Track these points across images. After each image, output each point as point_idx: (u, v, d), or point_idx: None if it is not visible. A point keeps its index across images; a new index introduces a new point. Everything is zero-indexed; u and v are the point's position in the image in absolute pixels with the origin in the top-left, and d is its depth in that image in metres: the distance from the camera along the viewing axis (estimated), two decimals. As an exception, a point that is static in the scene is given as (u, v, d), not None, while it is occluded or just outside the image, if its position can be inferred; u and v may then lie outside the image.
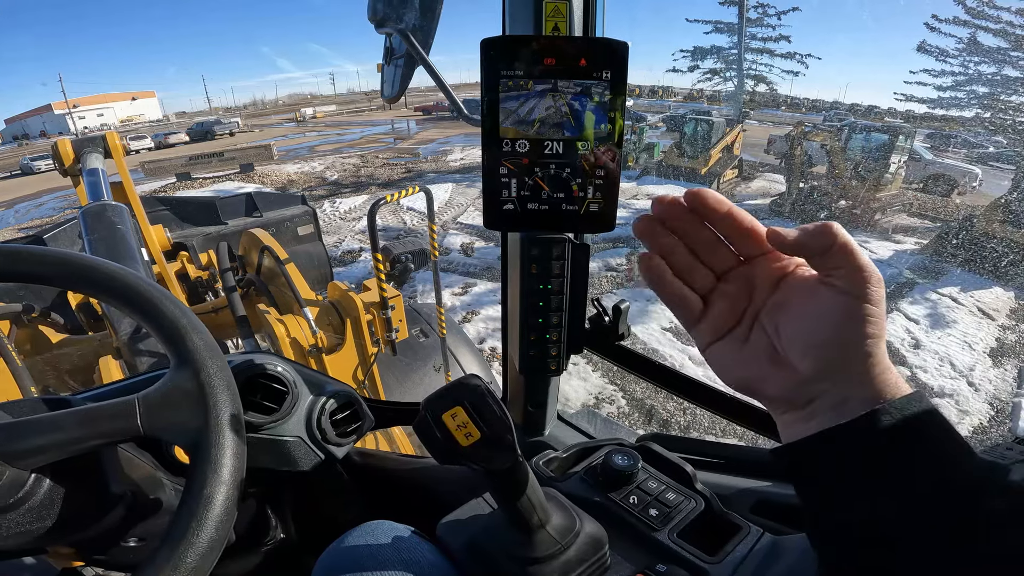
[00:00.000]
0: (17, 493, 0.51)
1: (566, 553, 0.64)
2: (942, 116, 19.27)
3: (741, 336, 0.44)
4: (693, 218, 0.45)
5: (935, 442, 0.36)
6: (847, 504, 0.38)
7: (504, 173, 0.58)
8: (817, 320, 0.40)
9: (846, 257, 0.39)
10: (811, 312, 0.40)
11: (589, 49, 0.55)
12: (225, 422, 0.52)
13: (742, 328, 0.44)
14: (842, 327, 0.39)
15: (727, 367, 0.44)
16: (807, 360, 0.40)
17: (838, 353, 0.39)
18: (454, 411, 0.53)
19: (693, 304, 0.46)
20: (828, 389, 0.40)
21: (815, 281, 0.41)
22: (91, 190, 2.33)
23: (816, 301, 0.40)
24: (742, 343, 0.44)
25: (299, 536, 1.07)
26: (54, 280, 0.58)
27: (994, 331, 6.67)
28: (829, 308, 0.40)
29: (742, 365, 0.44)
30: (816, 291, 0.41)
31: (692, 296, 0.46)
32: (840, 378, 0.39)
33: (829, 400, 0.39)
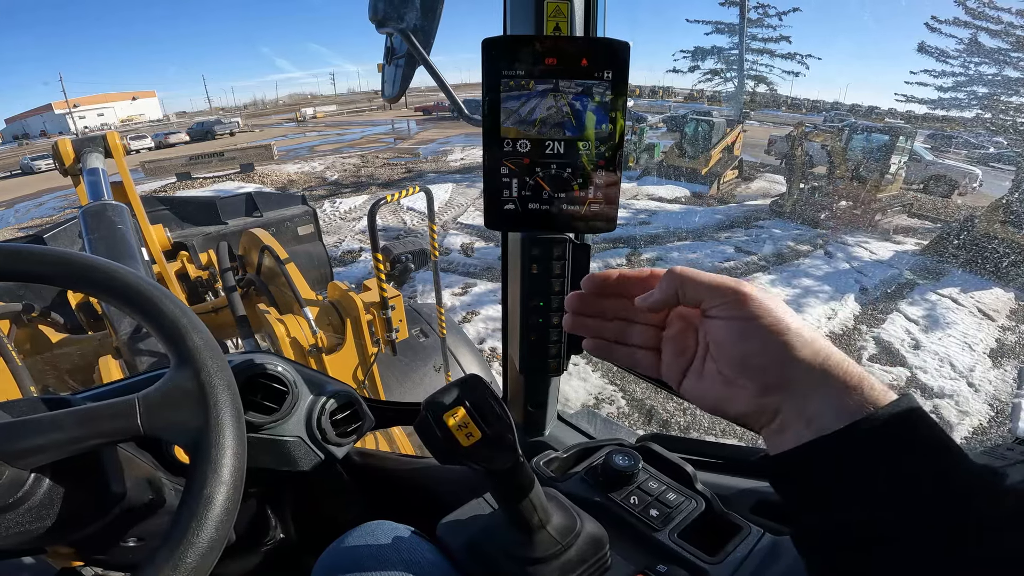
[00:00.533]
0: (16, 493, 0.51)
1: (567, 553, 0.64)
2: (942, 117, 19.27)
3: (698, 369, 0.47)
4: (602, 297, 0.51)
5: (922, 447, 0.36)
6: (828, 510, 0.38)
7: (505, 173, 0.58)
8: (722, 346, 0.43)
9: (697, 288, 0.44)
10: (717, 340, 0.44)
11: (591, 49, 0.55)
12: (225, 422, 0.52)
13: (696, 362, 0.47)
14: (740, 348, 0.42)
15: (698, 399, 0.47)
16: (749, 381, 0.42)
17: (756, 370, 0.42)
18: (455, 411, 0.53)
19: (644, 359, 0.50)
20: (783, 402, 0.41)
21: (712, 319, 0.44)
22: (91, 190, 2.33)
23: (714, 330, 0.44)
24: (700, 375, 0.46)
25: (299, 536, 1.07)
26: (54, 279, 0.58)
27: (994, 332, 6.66)
28: (722, 335, 0.43)
29: (707, 393, 0.46)
30: (710, 323, 0.44)
31: (639, 354, 0.50)
32: (783, 390, 0.41)
33: (790, 411, 0.41)
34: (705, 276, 0.44)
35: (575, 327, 0.52)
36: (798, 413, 0.40)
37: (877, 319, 6.98)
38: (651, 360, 0.50)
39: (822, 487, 0.39)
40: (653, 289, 0.47)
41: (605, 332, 0.51)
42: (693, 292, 0.44)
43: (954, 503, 0.34)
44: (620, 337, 0.51)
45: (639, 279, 0.49)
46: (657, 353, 0.50)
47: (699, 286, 0.44)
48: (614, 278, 0.50)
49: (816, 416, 0.39)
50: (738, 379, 0.43)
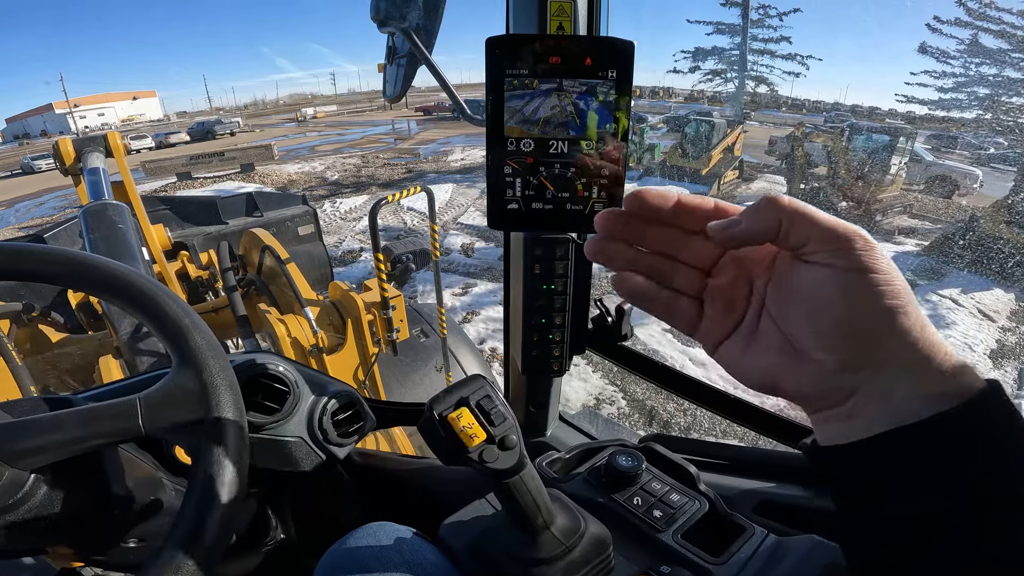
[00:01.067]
0: (17, 493, 0.51)
1: (570, 554, 0.64)
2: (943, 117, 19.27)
3: (748, 331, 0.38)
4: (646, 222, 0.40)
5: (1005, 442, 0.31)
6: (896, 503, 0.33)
7: (508, 173, 0.58)
8: (817, 304, 0.34)
9: (808, 227, 0.34)
10: (808, 295, 0.35)
11: (595, 48, 0.55)
12: (227, 422, 0.52)
13: (747, 322, 0.39)
14: (845, 307, 0.33)
15: (742, 368, 0.38)
16: (824, 352, 0.34)
17: (854, 338, 0.33)
18: (459, 412, 0.53)
19: (685, 311, 0.40)
20: (864, 382, 0.34)
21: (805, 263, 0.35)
22: (92, 189, 2.33)
23: (809, 282, 0.35)
24: (750, 339, 0.38)
25: (300, 537, 1.06)
26: (57, 278, 0.58)
27: (994, 333, 6.67)
28: (823, 289, 0.34)
29: (756, 363, 0.37)
30: (805, 271, 0.35)
31: (682, 302, 0.40)
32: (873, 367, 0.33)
33: (871, 393, 0.34)
34: (820, 212, 0.34)
35: (600, 253, 0.40)
36: (881, 396, 0.33)
37: (877, 320, 6.98)
38: (692, 312, 0.40)
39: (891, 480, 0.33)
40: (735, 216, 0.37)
41: (645, 264, 0.40)
42: (801, 229, 0.34)
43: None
44: (660, 276, 0.40)
45: (703, 209, 0.38)
46: (699, 305, 0.40)
47: (812, 223, 0.34)
48: (673, 201, 0.38)
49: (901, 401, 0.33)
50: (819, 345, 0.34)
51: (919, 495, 0.32)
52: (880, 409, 0.33)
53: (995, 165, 14.93)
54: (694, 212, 0.38)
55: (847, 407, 0.35)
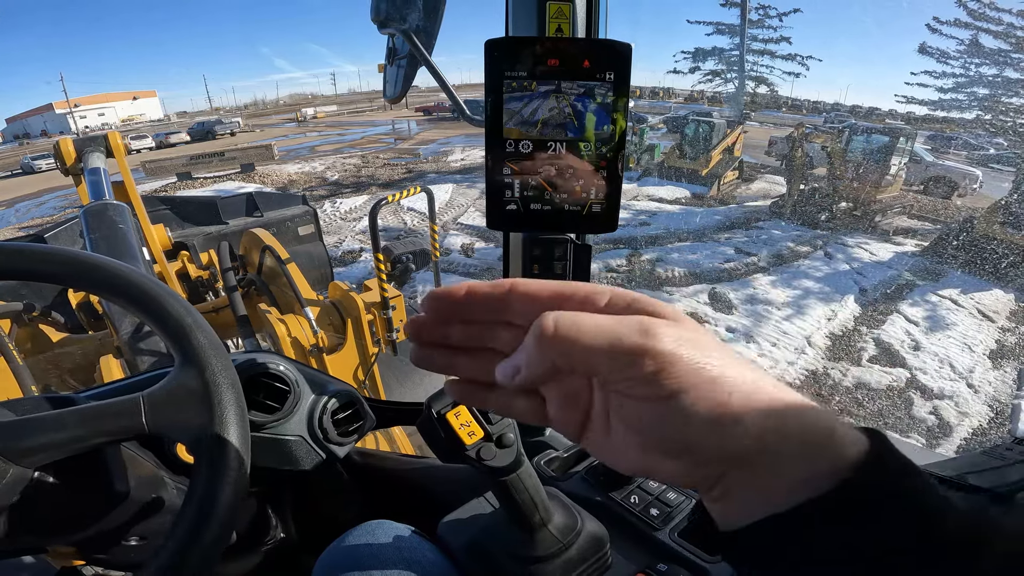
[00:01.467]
0: (20, 491, 0.51)
1: (568, 552, 0.65)
2: (943, 118, 19.29)
3: (600, 428, 0.34)
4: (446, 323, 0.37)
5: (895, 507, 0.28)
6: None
7: (507, 174, 0.59)
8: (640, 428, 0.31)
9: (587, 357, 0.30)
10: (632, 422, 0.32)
11: (593, 50, 0.55)
12: (230, 421, 0.53)
13: (597, 419, 0.34)
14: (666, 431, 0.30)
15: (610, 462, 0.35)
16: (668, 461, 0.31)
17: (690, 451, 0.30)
18: (458, 410, 0.53)
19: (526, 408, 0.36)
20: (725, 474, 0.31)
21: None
22: (93, 189, 2.34)
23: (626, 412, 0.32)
24: (605, 435, 0.34)
25: (299, 536, 1.07)
26: (59, 278, 0.59)
27: (994, 333, 6.68)
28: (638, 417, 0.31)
29: (621, 459, 0.34)
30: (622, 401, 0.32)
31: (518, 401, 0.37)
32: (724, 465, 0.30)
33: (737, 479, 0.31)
34: (594, 335, 0.30)
35: (421, 361, 0.38)
36: (745, 483, 0.31)
37: (877, 320, 6.99)
38: (533, 407, 0.36)
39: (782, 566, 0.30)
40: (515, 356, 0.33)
41: (460, 369, 0.38)
42: (582, 361, 0.30)
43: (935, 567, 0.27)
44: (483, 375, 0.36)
45: (494, 298, 0.35)
46: (540, 398, 0.36)
47: (588, 352, 0.30)
48: (461, 296, 0.35)
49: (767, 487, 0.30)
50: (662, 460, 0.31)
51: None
52: (751, 493, 0.31)
53: (994, 165, 14.94)
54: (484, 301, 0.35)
55: (716, 492, 0.32)
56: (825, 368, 6.01)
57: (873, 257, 9.18)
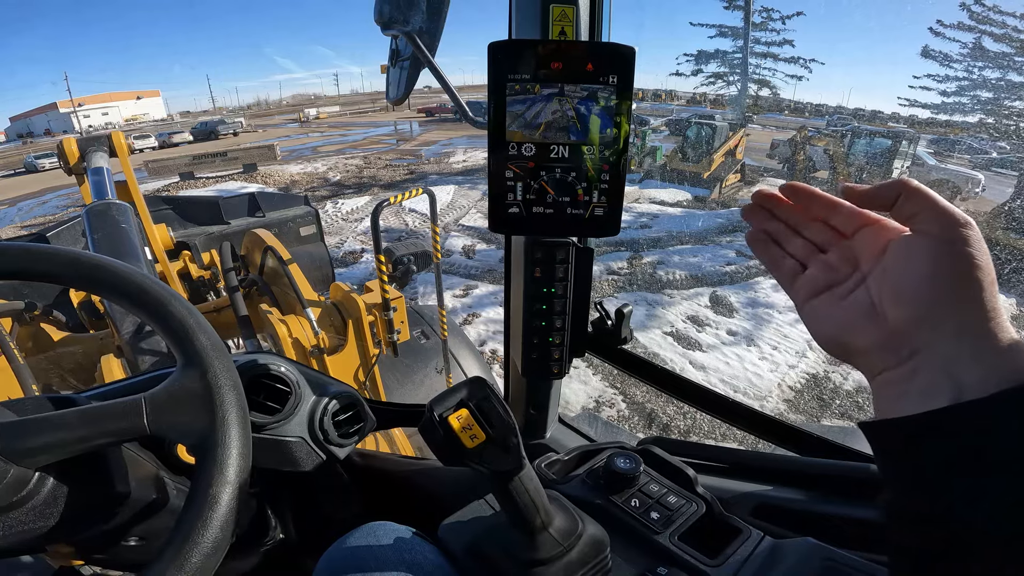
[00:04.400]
0: (21, 491, 0.51)
1: (568, 555, 0.65)
2: (945, 121, 19.27)
3: (841, 293, 0.43)
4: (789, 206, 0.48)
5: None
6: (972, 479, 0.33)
7: (510, 177, 0.59)
8: (907, 268, 0.38)
9: (922, 200, 0.39)
10: (902, 262, 0.39)
11: (596, 54, 0.55)
12: (231, 422, 0.53)
13: (843, 288, 0.43)
14: (930, 267, 0.37)
15: (821, 322, 0.44)
16: (899, 308, 0.38)
17: (932, 298, 0.36)
18: (459, 413, 0.53)
19: (788, 266, 0.48)
20: (928, 344, 0.36)
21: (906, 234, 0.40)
22: (95, 189, 2.34)
23: (907, 251, 0.39)
24: (840, 300, 0.43)
25: (299, 537, 1.07)
26: (63, 279, 0.59)
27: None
28: (918, 254, 0.38)
29: (836, 319, 0.42)
30: (907, 242, 0.39)
31: (789, 260, 0.48)
32: (940, 331, 0.36)
33: (932, 356, 0.36)
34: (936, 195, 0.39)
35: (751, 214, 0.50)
36: (942, 362, 0.35)
37: (878, 324, 6.96)
38: (793, 269, 0.47)
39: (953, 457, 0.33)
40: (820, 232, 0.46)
41: (771, 228, 0.49)
42: (915, 203, 0.39)
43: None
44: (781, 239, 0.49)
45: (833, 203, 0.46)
46: (802, 267, 0.47)
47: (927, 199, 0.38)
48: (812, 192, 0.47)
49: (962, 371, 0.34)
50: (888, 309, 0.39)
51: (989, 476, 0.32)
52: (939, 375, 0.35)
53: (997, 169, 14.91)
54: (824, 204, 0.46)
55: (908, 367, 0.37)
56: (826, 372, 5.99)
57: (875, 260, 9.16)
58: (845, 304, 0.42)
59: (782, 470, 0.85)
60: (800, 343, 6.49)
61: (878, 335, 0.39)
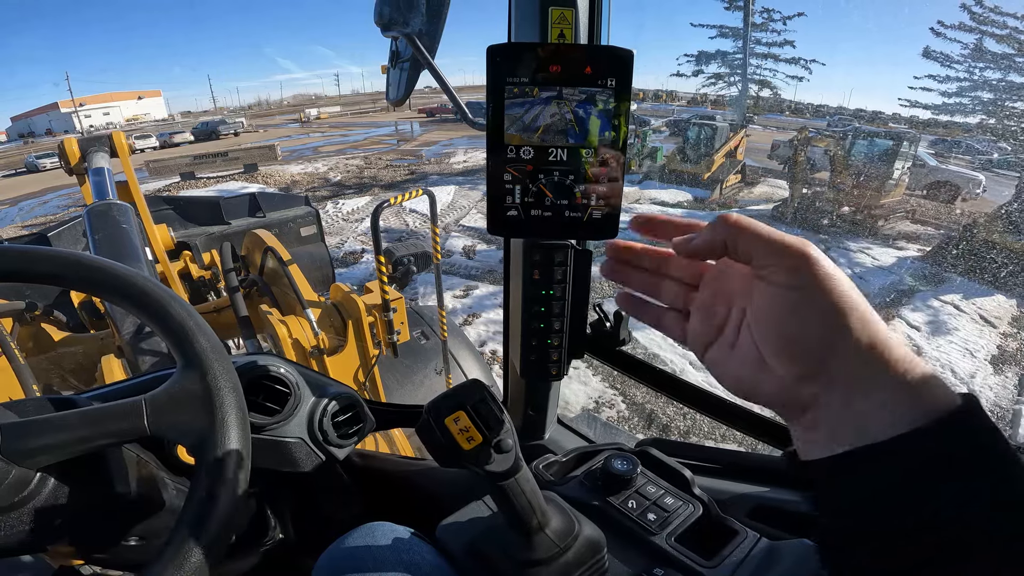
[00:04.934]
0: (22, 492, 0.52)
1: (565, 556, 0.65)
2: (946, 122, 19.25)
3: (729, 341, 0.41)
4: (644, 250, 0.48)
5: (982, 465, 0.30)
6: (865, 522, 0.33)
7: (508, 179, 0.59)
8: (771, 320, 0.37)
9: (752, 239, 0.37)
10: (764, 312, 0.37)
11: (594, 57, 0.56)
12: (231, 424, 0.53)
13: (728, 333, 0.41)
14: (791, 325, 0.35)
15: (723, 373, 0.41)
16: (780, 365, 0.36)
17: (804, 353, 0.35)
18: (457, 415, 0.54)
19: (670, 319, 0.46)
20: (823, 394, 0.35)
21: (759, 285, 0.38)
22: (97, 189, 2.35)
23: (765, 299, 0.37)
24: (731, 348, 0.41)
25: (298, 537, 1.07)
26: (64, 281, 0.59)
27: (995, 339, 6.65)
28: (774, 307, 0.36)
29: (735, 370, 0.40)
30: (761, 295, 0.37)
31: (667, 314, 0.47)
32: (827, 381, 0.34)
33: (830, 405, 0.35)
34: (765, 228, 0.37)
35: (609, 273, 0.49)
36: (840, 410, 0.34)
37: (879, 325, 6.96)
38: (678, 322, 0.45)
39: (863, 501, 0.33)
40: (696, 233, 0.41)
41: (633, 282, 0.48)
42: (746, 245, 0.37)
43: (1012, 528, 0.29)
44: (650, 291, 0.47)
45: (685, 226, 0.44)
46: (686, 316, 0.45)
47: (755, 239, 0.37)
48: (659, 221, 0.45)
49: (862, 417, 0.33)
50: (775, 359, 0.37)
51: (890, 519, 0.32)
52: (842, 422, 0.34)
53: (998, 170, 14.90)
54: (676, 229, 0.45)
55: (808, 417, 0.36)
56: (826, 373, 6.00)
57: (875, 262, 9.16)
58: (736, 356, 0.40)
59: (779, 472, 0.86)
60: (800, 344, 6.47)
61: (773, 388, 0.38)
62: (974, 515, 0.29)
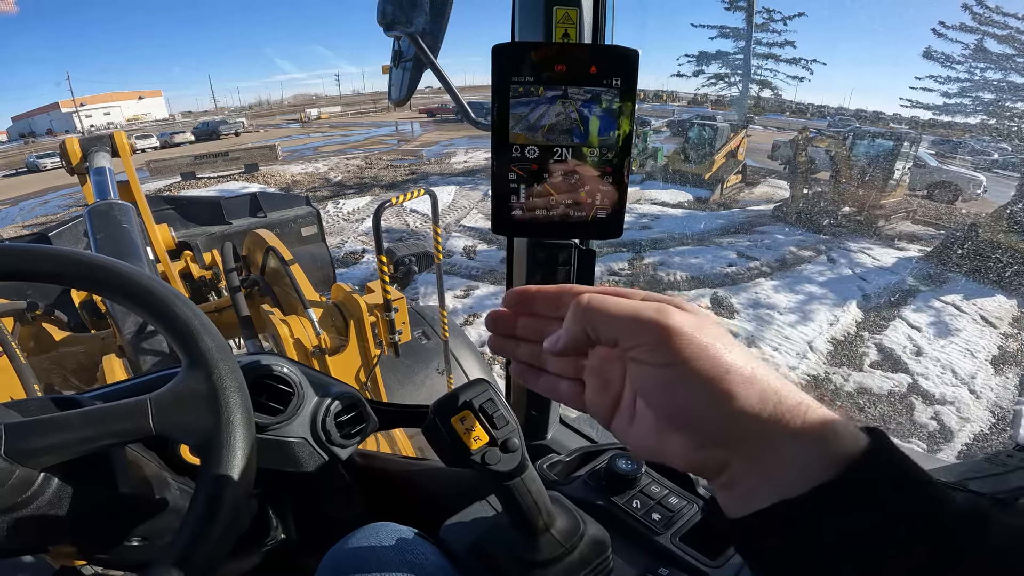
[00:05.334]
0: (25, 492, 0.51)
1: (570, 556, 0.65)
2: (947, 123, 19.24)
3: (627, 409, 0.39)
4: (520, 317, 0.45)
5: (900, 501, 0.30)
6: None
7: (513, 179, 0.59)
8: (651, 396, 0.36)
9: (609, 325, 0.37)
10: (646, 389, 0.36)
11: (600, 56, 0.55)
12: (236, 424, 0.53)
13: (626, 402, 0.39)
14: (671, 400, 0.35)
15: (629, 443, 0.40)
16: (677, 434, 0.35)
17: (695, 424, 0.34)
18: (463, 415, 0.53)
19: (565, 392, 0.44)
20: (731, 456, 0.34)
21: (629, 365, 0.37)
22: (98, 189, 2.35)
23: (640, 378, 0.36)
24: (630, 417, 0.39)
25: (300, 537, 1.07)
26: (66, 280, 0.59)
27: (996, 339, 6.65)
28: (649, 384, 0.36)
29: (640, 440, 0.38)
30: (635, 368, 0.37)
31: (561, 384, 0.44)
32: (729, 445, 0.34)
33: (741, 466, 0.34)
34: (617, 307, 0.36)
35: (496, 349, 0.47)
36: (748, 470, 0.33)
37: (879, 325, 6.97)
38: (574, 391, 0.43)
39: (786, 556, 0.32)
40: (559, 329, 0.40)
41: (521, 355, 0.46)
42: (606, 330, 0.37)
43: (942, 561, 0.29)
44: (539, 362, 0.45)
45: (553, 296, 0.43)
46: (580, 384, 0.42)
47: (611, 321, 0.36)
48: (531, 293, 0.44)
49: (771, 474, 0.32)
50: (669, 431, 0.35)
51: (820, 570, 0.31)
52: (755, 482, 0.33)
53: (999, 171, 14.90)
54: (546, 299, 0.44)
55: (723, 479, 0.35)
56: (827, 373, 5.99)
57: (876, 262, 9.16)
58: (637, 428, 0.38)
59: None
60: (801, 344, 6.49)
61: (680, 456, 0.36)
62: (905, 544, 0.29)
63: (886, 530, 0.29)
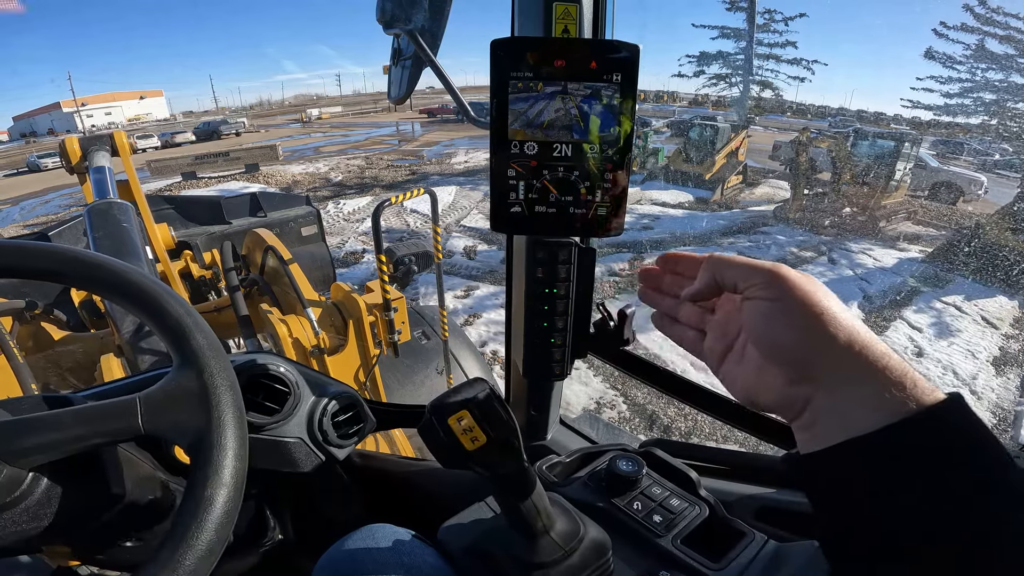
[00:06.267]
0: (14, 492, 0.51)
1: (570, 559, 0.64)
2: (949, 123, 19.21)
3: (738, 354, 0.46)
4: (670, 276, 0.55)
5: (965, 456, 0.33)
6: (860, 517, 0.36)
7: (512, 175, 0.58)
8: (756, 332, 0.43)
9: (731, 271, 0.45)
10: (751, 326, 0.44)
11: (600, 51, 0.55)
12: (227, 423, 0.52)
13: (737, 348, 0.47)
14: (771, 333, 0.41)
15: (731, 382, 0.47)
16: (778, 369, 0.41)
17: (788, 359, 0.41)
18: (460, 415, 0.52)
19: (690, 338, 0.52)
20: (813, 394, 0.39)
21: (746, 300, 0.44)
22: (97, 188, 2.35)
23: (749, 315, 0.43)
24: (739, 360, 0.46)
25: (297, 538, 1.06)
26: (60, 277, 0.58)
27: (997, 340, 6.64)
28: (755, 319, 0.43)
29: (740, 380, 0.46)
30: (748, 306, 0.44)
31: (688, 332, 0.53)
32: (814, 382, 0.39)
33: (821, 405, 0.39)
34: (740, 259, 0.44)
35: (644, 297, 0.57)
36: (829, 408, 0.38)
37: (880, 326, 6.95)
38: (696, 340, 0.52)
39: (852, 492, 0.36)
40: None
41: (662, 306, 0.55)
42: (730, 276, 0.45)
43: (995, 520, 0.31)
44: (673, 313, 0.54)
45: (693, 260, 0.52)
46: (702, 334, 0.51)
47: (734, 268, 0.44)
48: (678, 256, 0.53)
49: (848, 413, 0.36)
50: (769, 366, 0.42)
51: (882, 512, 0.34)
52: (833, 420, 0.37)
53: (1000, 171, 14.88)
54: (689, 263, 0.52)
55: (804, 418, 0.40)
56: (828, 374, 5.98)
57: (877, 263, 9.14)
58: (743, 367, 0.45)
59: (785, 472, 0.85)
60: (802, 345, 6.46)
61: (774, 394, 0.42)
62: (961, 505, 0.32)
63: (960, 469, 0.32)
